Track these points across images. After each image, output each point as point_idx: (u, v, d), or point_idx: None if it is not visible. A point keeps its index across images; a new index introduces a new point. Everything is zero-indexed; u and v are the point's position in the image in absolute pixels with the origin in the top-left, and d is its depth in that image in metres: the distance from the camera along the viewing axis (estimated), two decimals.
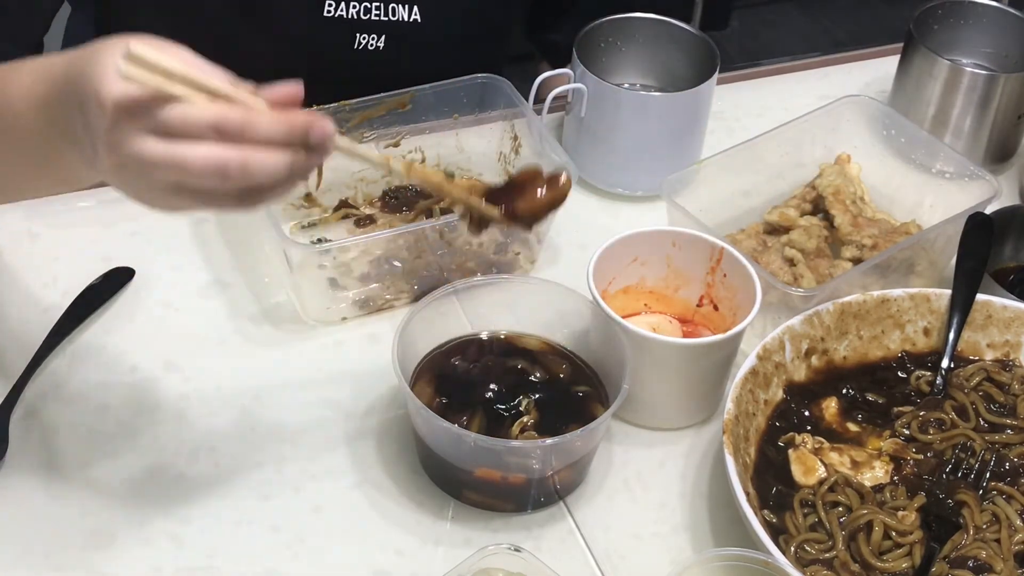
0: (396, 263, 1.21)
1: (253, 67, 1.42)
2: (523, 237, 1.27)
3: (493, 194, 0.96)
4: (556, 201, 0.98)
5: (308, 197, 1.30)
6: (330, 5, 1.34)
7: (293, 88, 0.86)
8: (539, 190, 0.97)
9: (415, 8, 1.37)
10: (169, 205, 0.90)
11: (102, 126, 0.85)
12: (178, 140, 0.83)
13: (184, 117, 0.83)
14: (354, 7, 1.35)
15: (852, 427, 1.13)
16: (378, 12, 1.36)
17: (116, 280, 1.23)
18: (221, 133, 0.83)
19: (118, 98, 0.83)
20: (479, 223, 0.96)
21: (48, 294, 1.22)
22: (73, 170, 0.96)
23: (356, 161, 0.93)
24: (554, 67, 1.38)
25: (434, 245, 1.21)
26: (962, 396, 1.14)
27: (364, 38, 1.38)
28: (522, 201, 0.96)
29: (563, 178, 0.98)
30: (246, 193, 0.86)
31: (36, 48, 1.32)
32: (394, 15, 1.37)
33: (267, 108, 0.85)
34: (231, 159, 0.83)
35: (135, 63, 0.79)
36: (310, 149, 0.86)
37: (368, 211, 1.31)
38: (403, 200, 1.32)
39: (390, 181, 1.33)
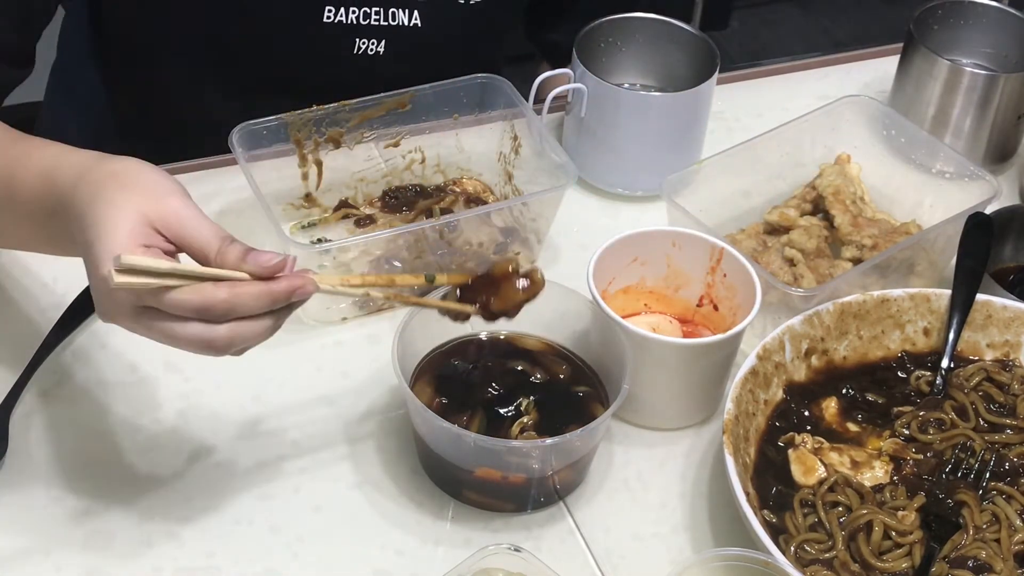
0: (396, 263, 1.21)
1: (252, 73, 1.42)
2: (523, 237, 1.27)
3: (471, 288, 1.03)
4: (530, 298, 1.04)
5: (308, 197, 1.30)
6: (329, 11, 1.33)
7: (280, 262, 0.92)
8: (515, 285, 1.03)
9: (415, 12, 1.37)
10: (150, 338, 0.95)
11: (100, 287, 0.92)
12: (166, 318, 0.90)
13: (175, 304, 0.89)
14: (353, 12, 1.34)
15: (852, 427, 1.13)
16: (378, 17, 1.36)
17: None
18: (206, 315, 0.89)
19: (117, 284, 0.87)
20: (457, 316, 1.04)
21: (48, 294, 1.22)
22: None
23: (344, 293, 0.99)
24: (554, 67, 1.38)
25: (434, 245, 1.21)
26: (962, 396, 1.14)
27: (364, 43, 1.37)
28: (497, 300, 1.03)
29: (538, 275, 1.04)
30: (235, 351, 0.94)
31: (30, 58, 1.31)
32: (394, 20, 1.37)
33: (251, 282, 0.91)
34: (218, 337, 0.91)
35: (125, 273, 0.87)
36: (292, 305, 0.94)
37: (368, 211, 1.31)
38: (403, 200, 1.32)
39: (390, 181, 1.33)
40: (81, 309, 1.20)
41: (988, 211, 1.25)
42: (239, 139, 1.20)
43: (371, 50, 1.38)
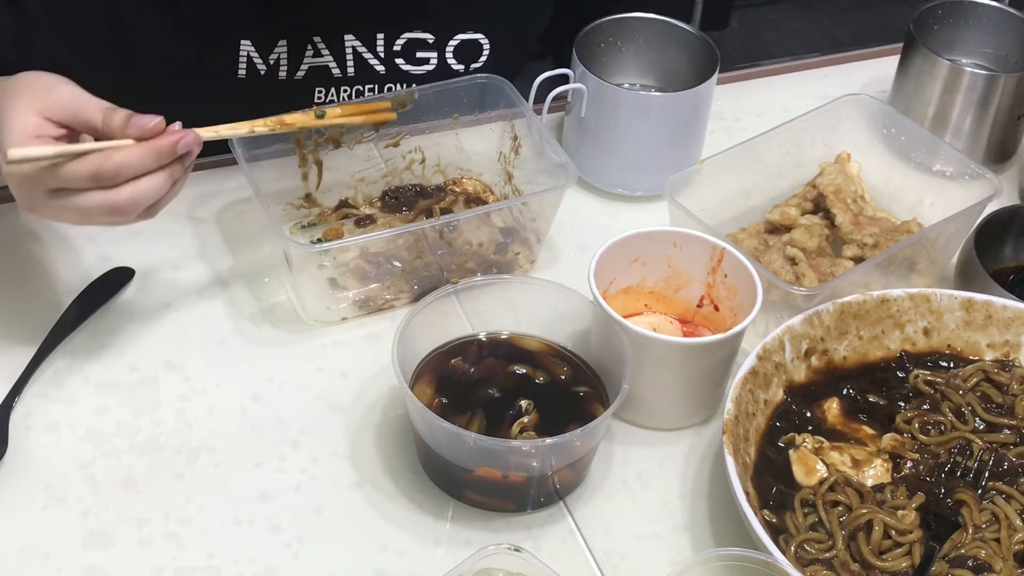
0: (396, 263, 1.21)
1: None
2: (523, 237, 1.27)
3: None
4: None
5: (308, 197, 1.30)
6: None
7: (159, 123, 1.02)
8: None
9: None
10: (67, 221, 1.08)
11: (11, 182, 1.03)
12: (71, 194, 1.01)
13: (70, 176, 1.00)
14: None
15: (854, 427, 1.13)
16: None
17: (116, 280, 1.23)
18: (102, 180, 1.00)
19: (11, 173, 1.01)
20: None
21: (48, 294, 1.22)
22: None
23: (228, 135, 1.11)
24: (554, 67, 1.38)
25: (434, 245, 1.22)
26: (958, 397, 1.14)
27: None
28: None
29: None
30: (144, 212, 1.04)
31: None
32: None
33: (136, 144, 1.01)
34: (120, 199, 1.01)
35: (16, 164, 1.00)
36: (183, 158, 1.04)
37: (368, 211, 1.31)
38: (403, 200, 1.32)
39: (390, 181, 1.33)
40: (81, 309, 1.20)
41: (988, 211, 1.26)
42: (239, 139, 1.20)
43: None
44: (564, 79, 1.35)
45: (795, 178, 1.35)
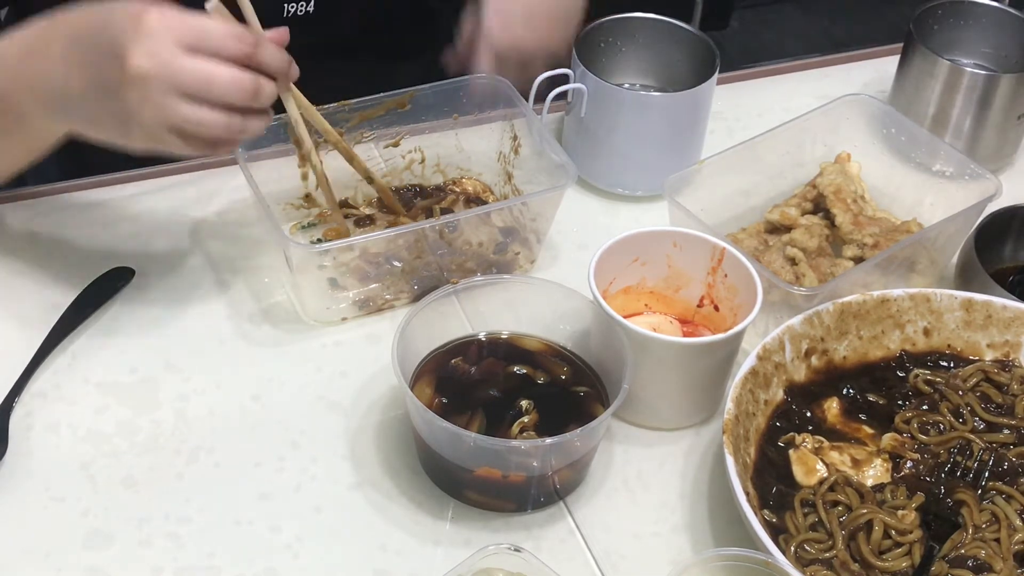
0: (396, 263, 1.21)
1: None
2: (523, 237, 1.27)
3: None
4: None
5: (308, 197, 1.30)
6: None
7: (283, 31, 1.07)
8: None
9: None
10: (154, 140, 1.03)
11: (133, 36, 0.98)
12: (208, 57, 1.00)
13: (211, 31, 1.00)
14: None
15: (854, 427, 1.13)
16: None
17: (116, 280, 1.23)
18: (240, 44, 1.01)
19: (157, 11, 0.98)
20: None
21: (48, 294, 1.22)
22: (44, 123, 1.09)
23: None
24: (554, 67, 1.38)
25: (434, 245, 1.21)
26: (956, 398, 1.14)
27: (293, 6, 1.37)
28: None
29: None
30: (225, 139, 1.03)
31: None
32: None
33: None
34: (248, 80, 1.01)
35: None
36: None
37: (367, 211, 1.31)
38: (402, 200, 1.32)
39: (389, 181, 1.33)
40: (81, 309, 1.20)
41: (988, 211, 1.26)
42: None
43: (301, 11, 1.37)
44: (564, 79, 1.35)
45: (795, 178, 1.35)
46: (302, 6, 1.38)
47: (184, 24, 1.00)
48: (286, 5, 1.37)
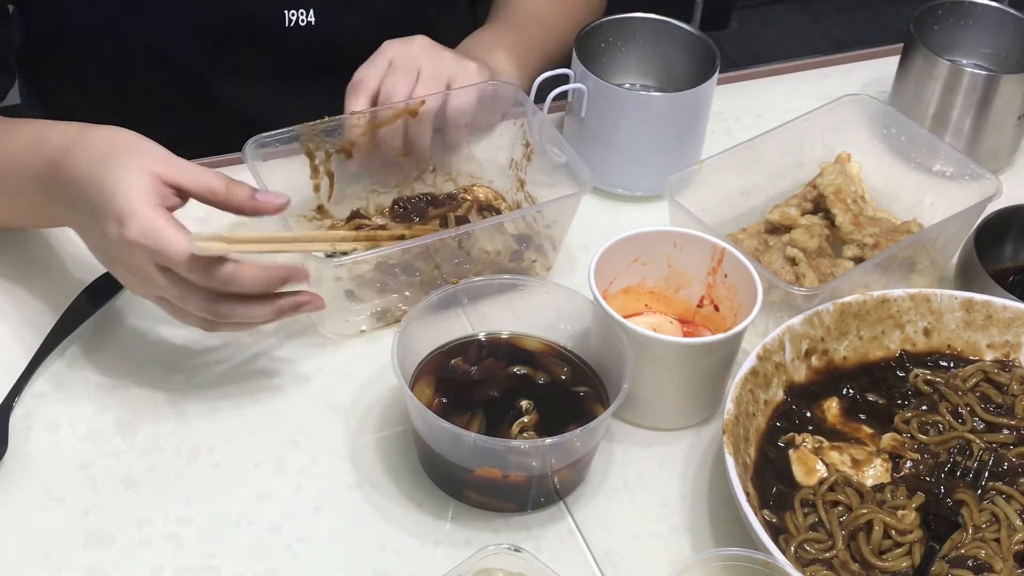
0: (412, 274, 1.20)
1: (183, 44, 1.43)
2: (538, 244, 1.26)
3: None
4: None
5: (320, 209, 1.29)
6: None
7: (283, 201, 1.07)
8: None
9: None
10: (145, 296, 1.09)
11: (116, 241, 1.02)
12: (180, 281, 1.02)
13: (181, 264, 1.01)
14: None
15: (854, 427, 1.13)
16: None
17: (116, 280, 1.23)
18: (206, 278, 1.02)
19: (143, 229, 1.00)
20: None
21: (48, 294, 1.22)
22: (66, 222, 1.13)
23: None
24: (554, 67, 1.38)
25: (451, 254, 1.20)
26: (956, 398, 1.14)
27: (293, 14, 1.38)
28: None
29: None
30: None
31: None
32: None
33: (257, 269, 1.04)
34: (219, 312, 1.04)
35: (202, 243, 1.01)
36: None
37: (379, 221, 1.29)
38: (414, 209, 1.30)
39: (400, 191, 1.32)
40: (81, 309, 1.20)
41: (988, 211, 1.25)
42: (251, 152, 1.19)
43: (302, 20, 1.38)
44: (564, 79, 1.35)
45: (795, 178, 1.35)
46: (303, 16, 1.38)
47: (158, 246, 1.00)
48: (287, 14, 1.38)
